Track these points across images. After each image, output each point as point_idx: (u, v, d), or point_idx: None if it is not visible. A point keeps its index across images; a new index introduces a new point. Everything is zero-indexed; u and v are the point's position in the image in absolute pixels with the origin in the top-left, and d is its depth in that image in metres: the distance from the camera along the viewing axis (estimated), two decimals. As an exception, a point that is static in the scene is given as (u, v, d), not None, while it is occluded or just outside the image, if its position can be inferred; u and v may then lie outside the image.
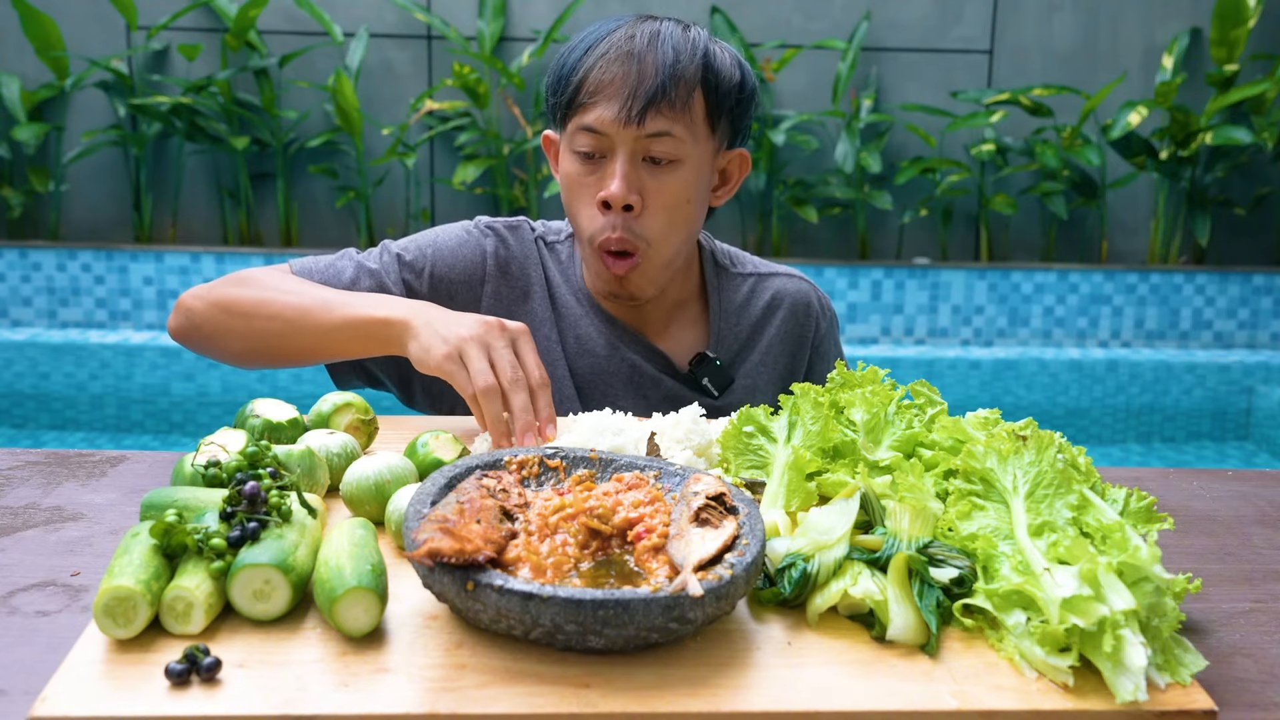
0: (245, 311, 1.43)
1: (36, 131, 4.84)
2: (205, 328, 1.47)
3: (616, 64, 1.43)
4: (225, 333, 1.45)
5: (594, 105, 1.44)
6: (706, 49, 1.47)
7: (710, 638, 0.87)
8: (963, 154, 5.24)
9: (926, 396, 1.21)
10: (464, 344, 1.23)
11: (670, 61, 1.42)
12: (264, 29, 5.11)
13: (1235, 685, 0.88)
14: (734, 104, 1.50)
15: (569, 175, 1.50)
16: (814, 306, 1.71)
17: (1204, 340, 5.19)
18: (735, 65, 1.50)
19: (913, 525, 0.93)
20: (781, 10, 5.24)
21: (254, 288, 1.45)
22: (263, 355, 1.45)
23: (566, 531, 0.91)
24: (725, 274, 1.68)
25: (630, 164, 1.44)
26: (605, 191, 1.45)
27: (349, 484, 1.06)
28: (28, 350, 4.61)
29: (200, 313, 1.46)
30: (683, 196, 1.48)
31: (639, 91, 1.41)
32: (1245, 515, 1.24)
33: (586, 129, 1.45)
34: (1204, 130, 4.95)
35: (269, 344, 1.43)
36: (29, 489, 1.19)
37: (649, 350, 1.60)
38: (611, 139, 1.44)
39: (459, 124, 5.06)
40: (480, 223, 1.63)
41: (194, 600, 0.83)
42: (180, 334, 1.50)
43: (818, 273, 5.05)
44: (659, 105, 1.42)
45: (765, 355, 1.66)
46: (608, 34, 1.47)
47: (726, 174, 1.58)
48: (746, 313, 1.68)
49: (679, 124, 1.44)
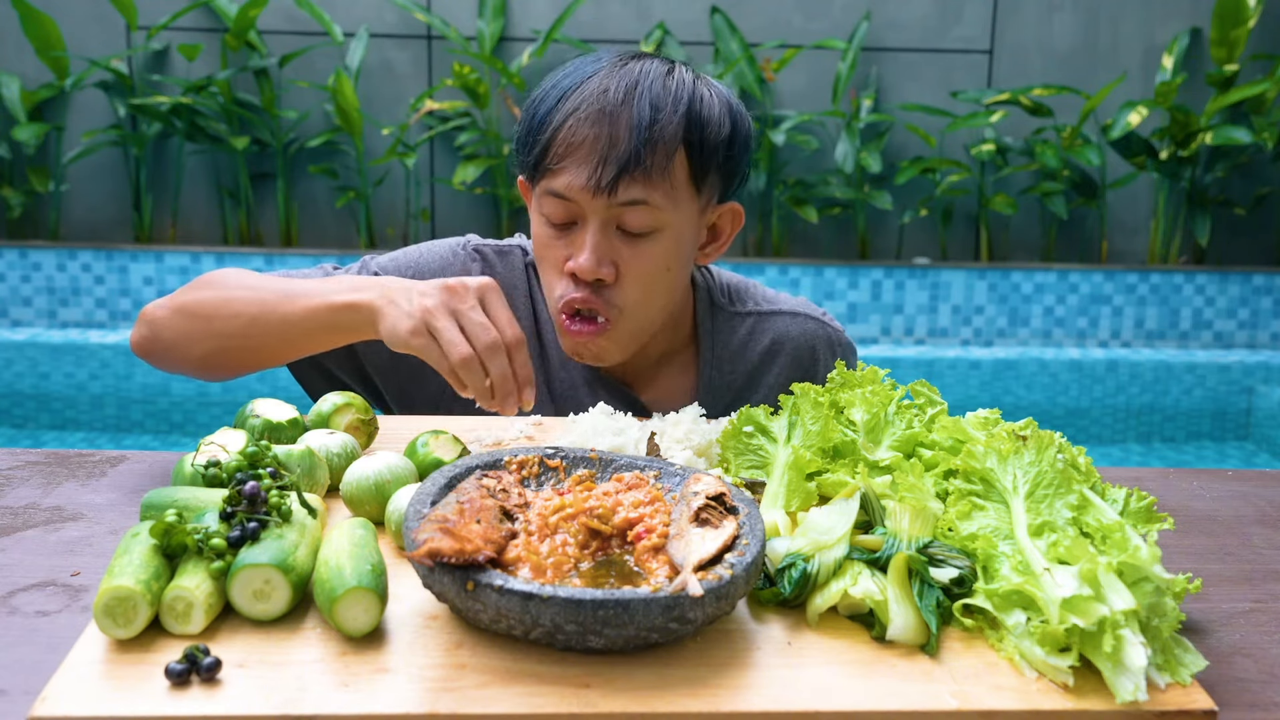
0: (205, 313, 1.33)
1: (36, 131, 4.84)
2: (166, 335, 1.37)
3: (587, 124, 1.30)
4: (185, 338, 1.35)
5: (562, 170, 1.32)
6: (691, 98, 1.33)
7: (710, 638, 0.87)
8: (963, 154, 5.24)
9: (926, 396, 1.21)
10: (429, 315, 1.14)
11: (647, 121, 1.29)
12: (264, 29, 5.11)
13: (1235, 685, 0.88)
14: (723, 159, 1.37)
15: (537, 237, 1.40)
16: (820, 350, 1.57)
17: (1204, 340, 5.19)
18: (725, 114, 1.36)
19: (913, 525, 0.93)
20: (781, 10, 5.24)
21: (214, 289, 1.35)
22: (226, 358, 1.35)
23: (566, 531, 0.91)
24: (722, 314, 1.55)
25: (602, 234, 1.33)
26: (574, 263, 1.34)
27: (349, 484, 1.06)
28: (28, 350, 4.61)
29: (160, 321, 1.37)
30: (661, 265, 1.36)
31: (610, 157, 1.29)
32: (1245, 515, 1.24)
33: (554, 194, 1.33)
34: (1204, 130, 4.95)
35: (231, 344, 1.33)
36: (29, 489, 1.19)
37: (632, 403, 1.51)
38: (581, 207, 1.33)
39: (459, 124, 5.06)
40: (469, 244, 1.54)
41: (194, 600, 0.83)
42: (140, 346, 1.40)
43: (818, 273, 5.06)
44: (633, 173, 1.29)
45: (764, 403, 1.57)
46: (582, 81, 1.33)
47: (717, 229, 1.46)
48: (742, 358, 1.55)
49: (656, 191, 1.31)
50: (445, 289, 1.16)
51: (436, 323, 1.14)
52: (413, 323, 1.15)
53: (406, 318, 1.16)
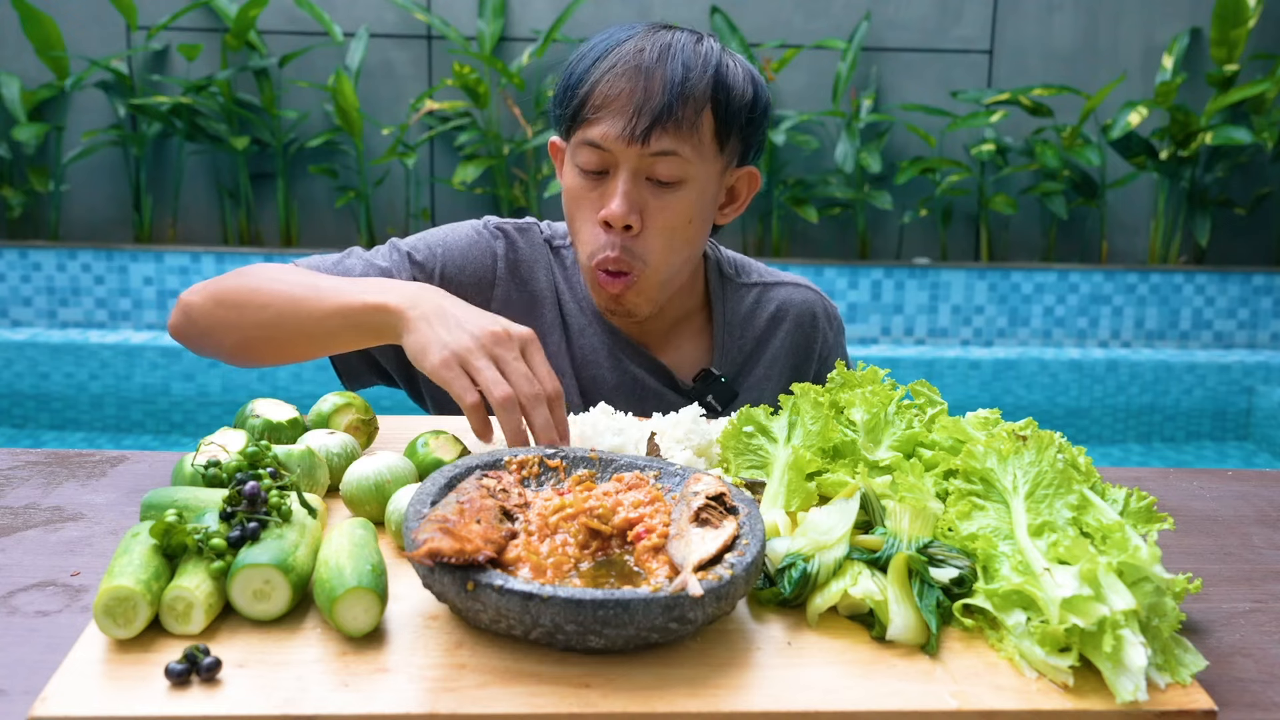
0: (238, 302, 1.37)
1: (36, 131, 4.84)
2: (201, 322, 1.41)
3: (623, 78, 1.39)
4: (219, 326, 1.39)
5: (598, 120, 1.40)
6: (719, 64, 1.43)
7: (710, 638, 0.87)
8: (963, 154, 5.24)
9: (926, 396, 1.21)
10: (469, 353, 1.13)
11: (679, 78, 1.38)
12: (264, 29, 5.11)
13: (1235, 685, 0.88)
14: (745, 122, 1.46)
15: (571, 189, 1.47)
16: (820, 317, 1.68)
17: (1204, 340, 5.19)
18: (748, 81, 1.46)
19: (913, 525, 0.93)
20: (781, 10, 5.24)
21: (250, 279, 1.38)
22: (256, 347, 1.38)
23: (566, 531, 0.91)
24: (730, 284, 1.65)
25: (632, 183, 1.41)
26: (605, 210, 1.41)
27: (349, 484, 1.06)
28: (28, 350, 4.61)
29: (196, 307, 1.41)
30: (685, 217, 1.44)
31: (645, 109, 1.38)
32: (1245, 515, 1.24)
33: (590, 144, 1.41)
34: (1204, 130, 4.95)
35: (261, 335, 1.36)
36: (29, 489, 1.19)
37: (652, 364, 1.58)
38: (614, 156, 1.41)
39: (459, 124, 5.06)
40: (489, 223, 1.60)
41: (194, 600, 0.83)
42: (177, 331, 1.45)
43: (818, 273, 5.05)
44: (665, 124, 1.38)
45: (770, 368, 1.64)
46: (617, 45, 1.42)
47: (735, 191, 1.54)
48: (751, 324, 1.64)
49: (685, 144, 1.40)
50: (489, 332, 1.15)
51: (475, 361, 1.12)
52: (447, 354, 1.13)
53: (441, 346, 1.14)
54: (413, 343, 1.18)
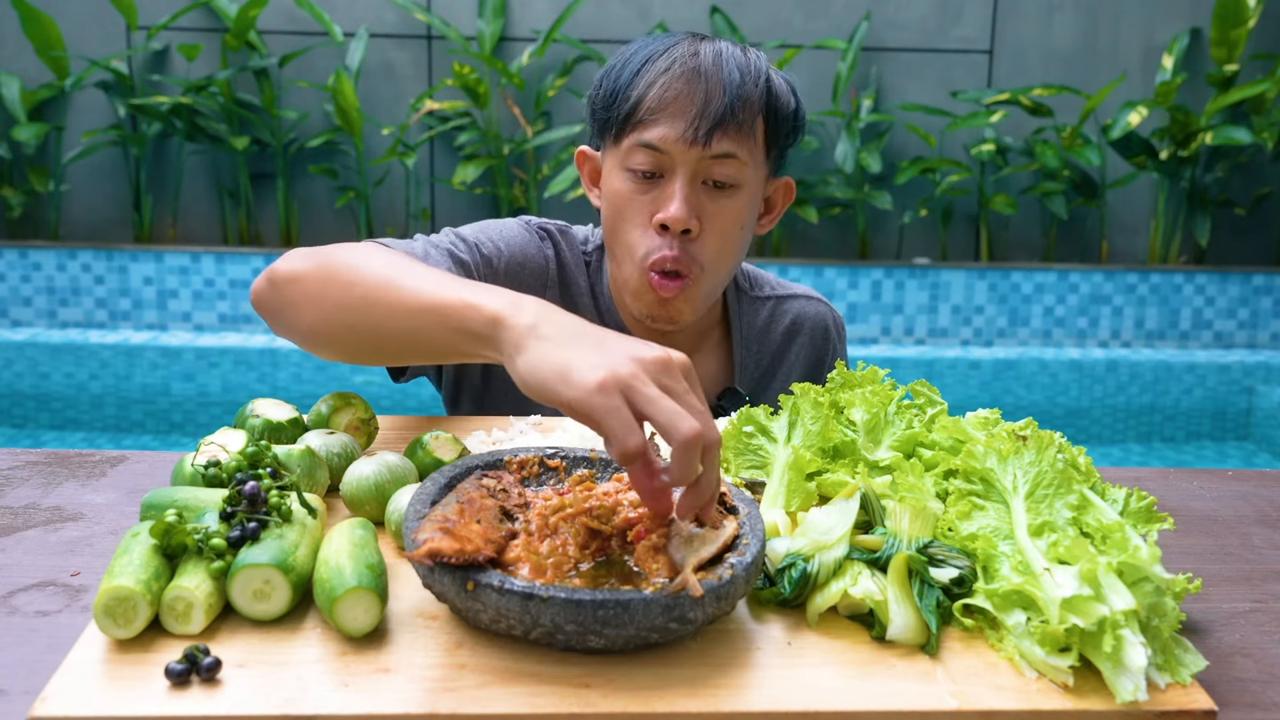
0: (326, 275, 1.18)
1: (36, 131, 4.84)
2: (285, 290, 1.22)
3: (681, 81, 1.38)
4: (301, 298, 1.20)
5: (656, 123, 1.38)
6: (767, 72, 1.43)
7: (710, 638, 0.87)
8: (963, 154, 5.24)
9: (926, 396, 1.21)
10: (633, 380, 0.86)
11: (737, 82, 1.38)
12: (264, 29, 5.11)
13: (1235, 685, 0.88)
14: (788, 131, 1.47)
15: (619, 194, 1.44)
16: (831, 330, 1.69)
17: (1204, 340, 5.19)
18: (790, 92, 1.47)
19: (913, 525, 0.93)
20: (781, 10, 5.24)
21: (347, 254, 1.19)
22: (333, 333, 1.18)
23: (566, 531, 0.91)
24: (745, 298, 1.64)
25: (690, 186, 1.39)
26: (665, 214, 1.39)
27: (349, 484, 1.06)
28: (28, 350, 4.61)
29: (282, 274, 1.23)
30: (738, 222, 1.43)
31: (707, 111, 1.37)
32: (1245, 515, 1.24)
33: (647, 146, 1.39)
34: (1204, 130, 4.95)
35: (341, 318, 1.16)
36: (29, 489, 1.19)
37: None
38: (672, 159, 1.39)
39: (459, 124, 5.06)
40: (532, 223, 1.55)
41: (194, 600, 0.83)
42: (259, 299, 1.28)
43: (818, 273, 5.05)
44: (726, 126, 1.37)
45: (786, 382, 1.64)
46: (665, 50, 1.41)
47: (771, 202, 1.53)
48: (767, 338, 1.64)
49: (743, 147, 1.40)
50: (653, 359, 0.89)
51: (645, 390, 0.86)
52: (606, 377, 0.85)
53: (593, 368, 0.86)
54: (531, 364, 0.90)
